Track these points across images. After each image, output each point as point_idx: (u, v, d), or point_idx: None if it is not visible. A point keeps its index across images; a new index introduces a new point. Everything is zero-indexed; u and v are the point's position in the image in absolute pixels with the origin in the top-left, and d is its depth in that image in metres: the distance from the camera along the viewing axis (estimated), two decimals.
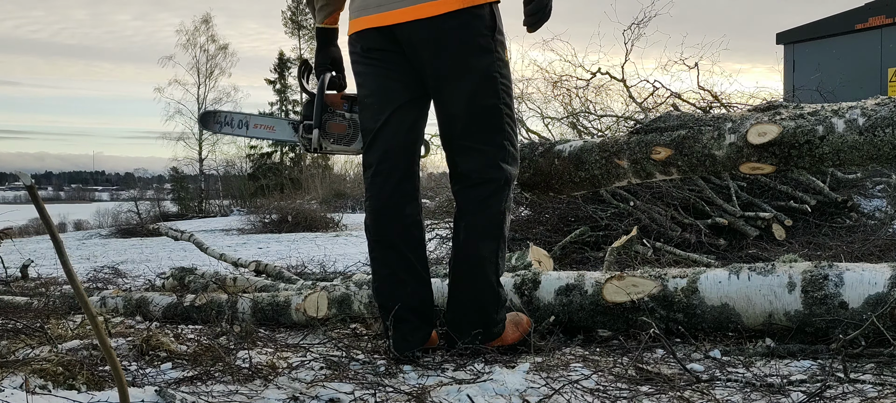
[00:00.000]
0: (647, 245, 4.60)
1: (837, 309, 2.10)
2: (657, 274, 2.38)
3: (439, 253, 5.80)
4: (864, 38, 9.74)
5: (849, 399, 1.69)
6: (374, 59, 2.29)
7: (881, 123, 2.42)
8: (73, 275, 1.12)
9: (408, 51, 2.24)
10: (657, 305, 2.31)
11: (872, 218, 5.71)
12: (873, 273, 2.11)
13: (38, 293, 3.96)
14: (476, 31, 2.20)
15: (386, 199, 2.29)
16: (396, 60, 2.27)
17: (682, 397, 1.76)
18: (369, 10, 2.26)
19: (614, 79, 6.18)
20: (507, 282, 2.55)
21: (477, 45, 2.20)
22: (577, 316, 2.44)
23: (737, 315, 2.25)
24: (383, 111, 2.29)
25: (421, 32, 2.19)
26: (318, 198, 17.93)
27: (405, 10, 2.19)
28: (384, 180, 2.29)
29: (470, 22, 2.19)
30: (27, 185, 1.08)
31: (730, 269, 2.31)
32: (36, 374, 1.82)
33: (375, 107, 2.31)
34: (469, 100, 2.24)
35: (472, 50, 2.20)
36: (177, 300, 3.16)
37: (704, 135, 2.74)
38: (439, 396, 1.80)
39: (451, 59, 2.20)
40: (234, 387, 1.91)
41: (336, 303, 2.78)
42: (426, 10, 2.17)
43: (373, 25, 2.26)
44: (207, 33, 31.06)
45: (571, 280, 2.48)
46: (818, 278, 2.16)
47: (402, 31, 2.21)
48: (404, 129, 2.30)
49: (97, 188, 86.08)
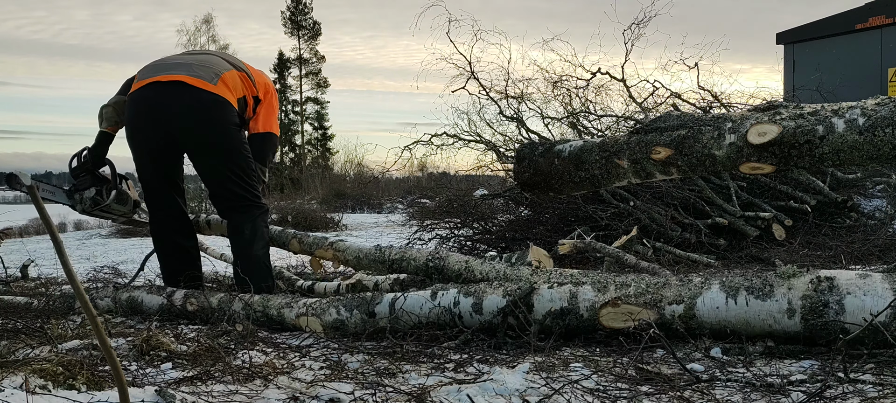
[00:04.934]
0: (647, 245, 4.60)
1: (837, 334, 2.08)
2: (653, 302, 2.33)
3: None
4: (864, 38, 9.74)
5: (849, 399, 1.68)
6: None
7: (881, 123, 2.41)
8: (73, 275, 1.12)
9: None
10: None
11: (872, 218, 5.71)
12: (875, 298, 2.08)
13: (38, 293, 3.96)
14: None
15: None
16: None
17: (682, 397, 1.76)
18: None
19: (614, 79, 6.18)
20: (498, 301, 2.52)
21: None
22: (575, 333, 2.44)
23: (736, 333, 2.24)
24: None
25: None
26: (318, 198, 17.91)
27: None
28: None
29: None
30: (27, 185, 1.08)
31: (727, 291, 2.26)
32: (36, 374, 1.82)
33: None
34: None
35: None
36: (167, 301, 3.16)
37: (704, 135, 2.74)
38: (439, 396, 1.80)
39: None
40: (234, 387, 1.91)
41: (331, 328, 2.72)
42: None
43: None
44: (208, 33, 31.01)
45: (565, 302, 2.44)
46: (818, 305, 2.13)
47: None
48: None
49: None
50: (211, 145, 3.33)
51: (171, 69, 3.36)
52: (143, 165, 3.46)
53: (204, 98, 3.27)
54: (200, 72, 3.33)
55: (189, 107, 3.27)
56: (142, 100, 3.36)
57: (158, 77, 3.33)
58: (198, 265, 3.60)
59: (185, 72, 3.32)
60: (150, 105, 3.34)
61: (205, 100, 3.27)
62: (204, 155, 3.38)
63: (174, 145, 3.37)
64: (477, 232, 5.89)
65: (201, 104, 3.27)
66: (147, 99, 3.35)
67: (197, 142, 3.34)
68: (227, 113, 3.32)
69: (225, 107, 3.31)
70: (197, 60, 3.46)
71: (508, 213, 6.23)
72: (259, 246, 3.42)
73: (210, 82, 3.31)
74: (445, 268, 3.00)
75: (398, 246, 3.76)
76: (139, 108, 3.37)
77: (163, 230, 3.52)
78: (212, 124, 3.30)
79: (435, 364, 2.18)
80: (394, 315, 2.62)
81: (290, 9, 33.75)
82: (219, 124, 3.30)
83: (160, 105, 3.30)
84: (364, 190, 16.92)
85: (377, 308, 2.67)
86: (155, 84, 3.33)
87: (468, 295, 2.57)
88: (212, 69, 3.38)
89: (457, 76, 6.46)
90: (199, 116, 3.28)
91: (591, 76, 6.29)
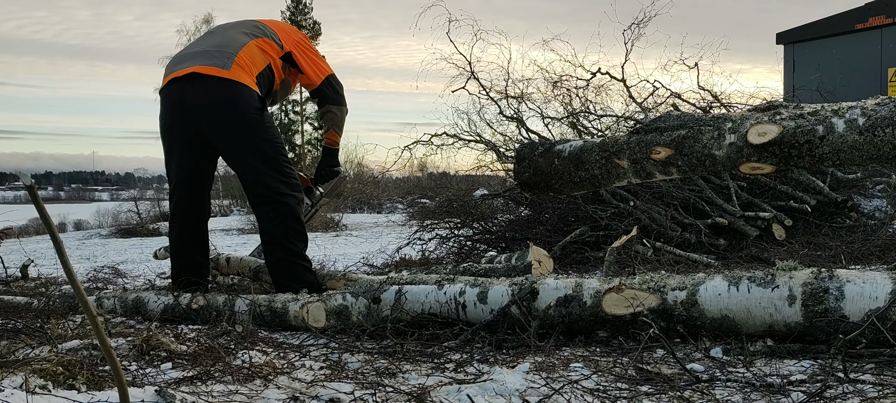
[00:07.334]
0: (647, 245, 4.60)
1: (838, 322, 2.09)
2: (656, 287, 2.35)
3: (439, 253, 5.80)
4: (864, 38, 9.73)
5: (849, 399, 1.68)
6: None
7: (881, 123, 2.41)
8: (73, 275, 1.12)
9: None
10: (657, 317, 2.30)
11: (872, 218, 5.70)
12: (874, 286, 2.09)
13: (38, 293, 3.96)
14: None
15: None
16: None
17: (682, 397, 1.76)
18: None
19: (614, 79, 6.18)
20: (504, 290, 2.55)
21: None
22: (577, 326, 2.44)
23: (737, 325, 2.25)
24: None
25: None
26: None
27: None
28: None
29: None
30: (27, 185, 1.07)
31: (729, 280, 2.28)
32: (36, 374, 1.82)
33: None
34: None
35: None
36: (173, 301, 3.15)
37: (704, 135, 2.74)
38: (439, 396, 1.80)
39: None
40: (234, 387, 1.90)
41: (333, 314, 2.76)
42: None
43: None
44: (207, 31, 31.00)
45: (570, 290, 2.45)
46: (818, 291, 2.14)
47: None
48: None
49: (97, 188, 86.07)
50: (227, 131, 3.27)
51: (187, 61, 3.33)
52: (170, 165, 3.43)
53: (216, 85, 3.22)
54: (214, 58, 3.28)
55: (203, 97, 3.23)
56: (164, 98, 3.37)
57: (175, 72, 3.30)
58: (205, 276, 3.57)
59: (200, 62, 3.28)
60: (171, 103, 3.33)
61: (217, 86, 3.22)
62: (224, 142, 3.32)
63: (199, 139, 3.32)
64: (477, 232, 5.89)
65: (214, 91, 3.22)
66: (168, 96, 3.35)
67: (215, 129, 3.29)
68: (241, 97, 3.24)
69: (239, 91, 3.24)
70: (213, 43, 3.40)
71: (508, 213, 6.23)
72: (289, 248, 3.30)
73: (223, 68, 3.25)
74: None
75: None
76: (163, 108, 3.39)
77: (182, 244, 3.48)
78: (225, 110, 3.24)
79: (435, 364, 2.18)
80: (398, 303, 2.64)
81: (290, 9, 33.73)
82: (233, 109, 3.24)
83: (178, 102, 3.29)
84: (364, 190, 16.92)
85: (383, 294, 2.70)
86: (172, 81, 3.31)
87: (474, 286, 2.61)
88: (226, 50, 3.31)
89: (457, 76, 6.45)
90: (211, 103, 3.24)
91: (591, 76, 6.28)
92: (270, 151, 3.32)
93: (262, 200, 3.32)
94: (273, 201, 3.30)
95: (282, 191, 3.31)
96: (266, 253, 3.39)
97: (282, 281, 3.26)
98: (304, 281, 3.25)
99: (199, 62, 3.28)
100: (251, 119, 3.26)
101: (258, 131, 3.28)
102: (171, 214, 3.50)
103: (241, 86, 3.25)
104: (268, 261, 3.38)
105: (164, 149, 3.47)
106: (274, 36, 3.48)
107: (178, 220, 3.47)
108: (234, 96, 3.24)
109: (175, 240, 3.49)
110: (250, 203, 3.43)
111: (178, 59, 3.42)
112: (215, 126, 3.28)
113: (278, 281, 3.29)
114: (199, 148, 3.37)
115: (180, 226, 3.47)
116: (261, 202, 3.32)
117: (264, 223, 3.31)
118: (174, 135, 3.37)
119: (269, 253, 3.35)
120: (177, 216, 3.47)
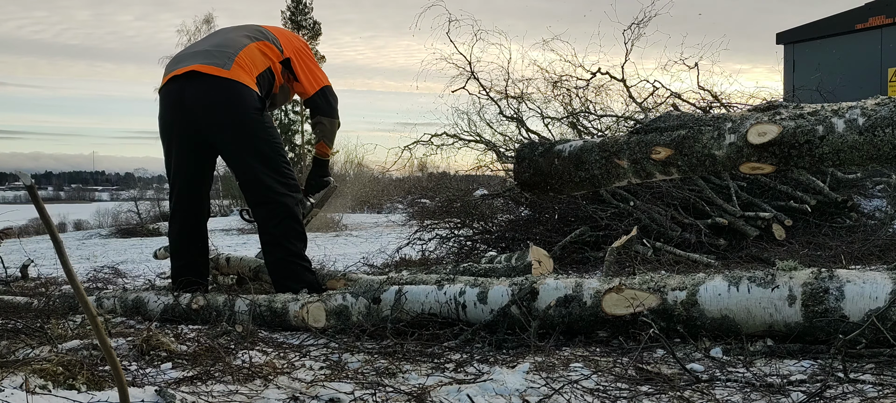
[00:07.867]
0: (647, 245, 4.60)
1: (838, 322, 2.09)
2: (656, 287, 2.35)
3: (439, 253, 5.80)
4: (864, 38, 9.73)
5: (849, 400, 1.68)
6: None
7: (881, 123, 2.41)
8: (73, 275, 1.12)
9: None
10: (657, 317, 2.30)
11: (872, 218, 5.70)
12: (874, 286, 2.08)
13: (38, 293, 3.96)
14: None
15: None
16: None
17: (682, 397, 1.76)
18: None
19: (614, 79, 6.17)
20: (504, 290, 2.55)
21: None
22: (577, 326, 2.44)
23: (737, 325, 2.25)
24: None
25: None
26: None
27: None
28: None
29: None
30: (27, 185, 1.07)
31: (729, 280, 2.28)
32: (36, 374, 1.82)
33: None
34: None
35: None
36: (173, 301, 3.15)
37: (704, 135, 2.74)
38: (439, 396, 1.80)
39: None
40: (235, 387, 1.90)
41: (333, 314, 2.76)
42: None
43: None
44: (209, 33, 31.01)
45: (570, 290, 2.45)
46: (818, 291, 2.14)
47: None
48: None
49: (97, 188, 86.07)
50: (226, 130, 3.28)
51: (187, 59, 3.34)
52: (170, 165, 3.45)
53: (216, 84, 3.23)
54: (214, 58, 3.29)
55: (203, 96, 3.24)
56: (164, 97, 3.39)
57: (175, 71, 3.32)
58: (205, 275, 3.58)
59: (200, 61, 3.29)
60: (171, 102, 3.35)
61: (217, 85, 3.22)
62: (223, 141, 3.33)
63: (199, 138, 3.33)
64: (477, 232, 5.89)
65: (214, 90, 3.23)
66: (168, 95, 3.36)
67: (213, 128, 3.29)
68: (241, 96, 3.25)
69: (239, 90, 3.25)
70: (214, 43, 3.42)
71: (508, 213, 6.23)
72: (289, 248, 3.31)
73: (223, 67, 3.26)
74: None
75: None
76: (162, 106, 3.40)
77: (182, 244, 3.49)
78: (224, 109, 3.24)
79: (435, 364, 2.18)
80: (398, 303, 2.64)
81: (290, 9, 33.72)
82: (233, 109, 3.25)
83: (178, 101, 3.30)
84: (364, 189, 16.91)
85: (383, 295, 2.70)
86: (172, 79, 3.32)
87: (474, 286, 2.61)
88: (227, 50, 3.32)
89: (457, 76, 6.45)
90: (211, 102, 3.24)
91: (591, 76, 6.28)
92: (269, 151, 3.32)
93: (260, 200, 3.32)
94: (272, 201, 3.30)
95: (280, 191, 3.31)
96: (265, 254, 3.39)
97: (281, 281, 3.27)
98: (303, 281, 3.26)
99: (199, 61, 3.29)
100: (251, 119, 3.26)
101: (258, 131, 3.29)
102: (171, 214, 3.51)
103: (241, 86, 3.25)
104: (267, 261, 3.38)
105: (163, 149, 3.48)
106: (275, 41, 3.49)
107: (178, 220, 3.47)
108: (234, 95, 3.24)
109: (175, 240, 3.49)
110: (249, 203, 3.44)
111: (179, 58, 3.43)
112: (214, 125, 3.28)
113: (278, 281, 3.29)
114: (198, 147, 3.37)
115: (180, 226, 3.47)
116: (260, 202, 3.33)
117: (263, 223, 3.32)
118: (174, 135, 3.37)
119: (268, 253, 3.35)
120: (176, 215, 3.47)
